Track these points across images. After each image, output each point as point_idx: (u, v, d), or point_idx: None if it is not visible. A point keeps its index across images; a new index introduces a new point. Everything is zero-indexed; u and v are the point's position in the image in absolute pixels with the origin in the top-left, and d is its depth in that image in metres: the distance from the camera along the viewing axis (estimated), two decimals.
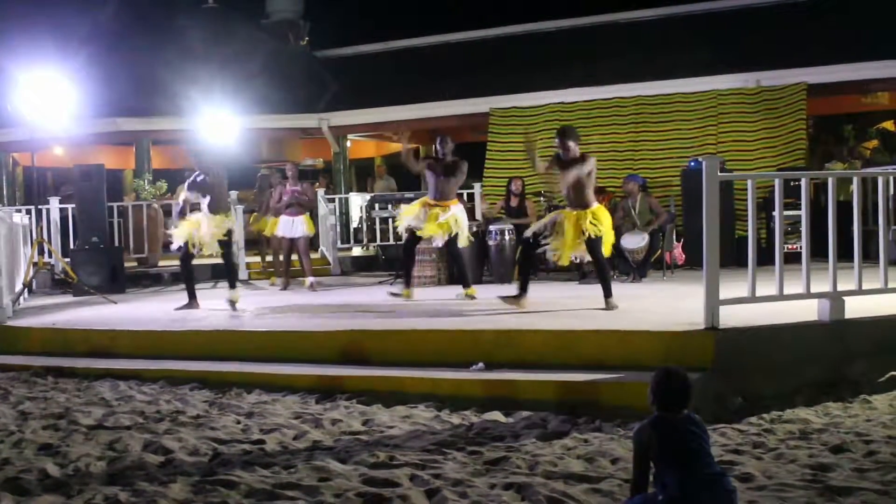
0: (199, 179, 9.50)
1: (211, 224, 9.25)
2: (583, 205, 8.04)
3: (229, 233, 9.36)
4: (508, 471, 4.48)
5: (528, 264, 8.68)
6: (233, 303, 9.32)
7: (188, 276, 9.68)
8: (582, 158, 8.09)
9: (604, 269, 8.13)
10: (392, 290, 9.92)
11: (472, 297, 9.16)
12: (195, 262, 9.85)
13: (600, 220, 8.02)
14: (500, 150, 15.43)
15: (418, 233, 9.39)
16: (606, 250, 8.24)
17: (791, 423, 5.27)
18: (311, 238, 12.15)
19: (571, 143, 8.06)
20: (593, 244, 8.00)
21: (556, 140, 8.23)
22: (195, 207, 9.90)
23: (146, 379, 7.19)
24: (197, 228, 9.31)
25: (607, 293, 7.95)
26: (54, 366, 7.76)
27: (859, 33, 13.98)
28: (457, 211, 9.35)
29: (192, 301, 9.50)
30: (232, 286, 9.44)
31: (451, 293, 9.83)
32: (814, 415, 5.47)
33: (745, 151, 13.58)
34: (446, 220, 9.20)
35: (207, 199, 9.40)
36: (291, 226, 11.62)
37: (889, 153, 15.65)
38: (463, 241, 9.43)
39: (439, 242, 9.47)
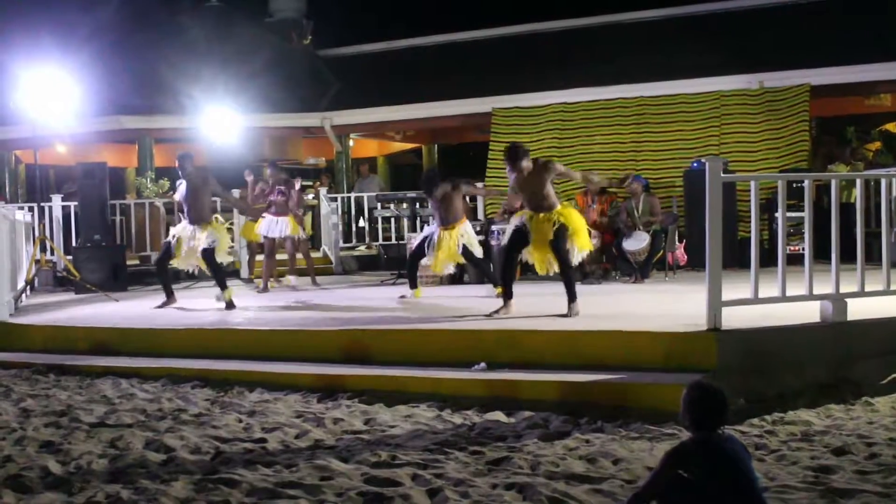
0: (178, 186, 9.64)
1: (192, 238, 9.32)
2: (549, 207, 7.73)
3: (212, 242, 9.30)
4: (510, 471, 4.48)
5: (511, 270, 8.24)
6: (228, 303, 9.29)
7: (161, 273, 9.87)
8: (544, 167, 7.82)
9: (567, 269, 7.66)
10: (403, 293, 9.97)
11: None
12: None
13: (570, 218, 7.70)
14: (503, 150, 15.38)
15: (431, 268, 9.75)
16: (583, 246, 7.79)
17: (793, 425, 5.27)
18: (301, 239, 12.00)
19: (523, 164, 7.79)
20: (557, 241, 7.60)
21: (507, 163, 7.93)
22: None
23: (148, 377, 7.20)
24: (180, 240, 9.41)
25: (571, 297, 7.49)
26: (56, 363, 7.78)
27: (863, 35, 13.97)
28: (464, 230, 9.52)
29: (170, 298, 9.66)
30: (222, 287, 9.39)
31: (453, 292, 9.88)
32: (816, 416, 5.47)
33: (747, 153, 13.56)
34: (452, 247, 9.38)
35: (186, 207, 9.46)
36: (275, 226, 11.44)
37: (892, 155, 15.64)
38: (478, 252, 9.61)
39: (451, 269, 9.81)
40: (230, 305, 9.26)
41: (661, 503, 3.47)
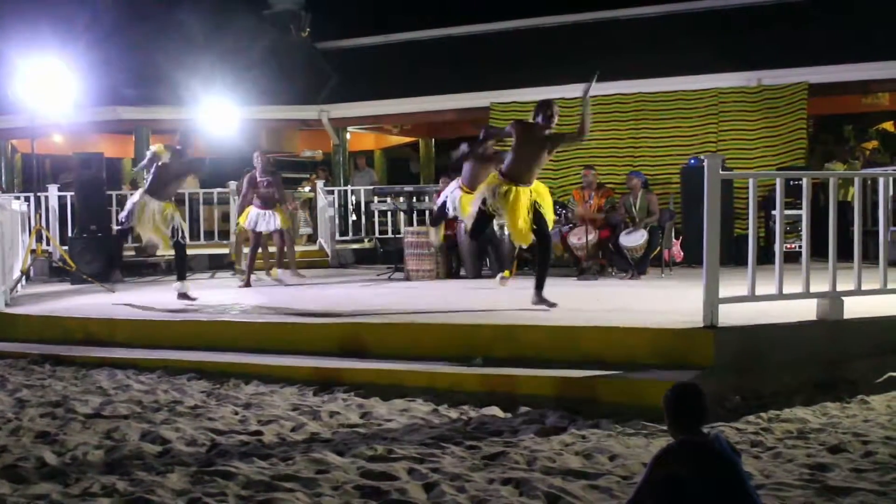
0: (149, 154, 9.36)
1: (158, 211, 9.09)
2: (531, 181, 7.68)
3: (173, 218, 9.17)
4: (507, 466, 4.48)
5: (484, 253, 8.23)
6: (184, 294, 9.18)
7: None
8: (557, 136, 7.82)
9: (548, 252, 7.75)
10: (497, 280, 9.40)
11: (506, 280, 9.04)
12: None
13: (543, 196, 7.70)
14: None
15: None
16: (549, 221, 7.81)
17: (789, 423, 5.28)
18: (287, 230, 11.74)
19: (544, 121, 7.75)
20: (542, 224, 7.60)
21: (544, 110, 7.84)
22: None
23: (144, 368, 7.19)
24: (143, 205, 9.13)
25: (540, 283, 7.53)
26: (52, 354, 7.76)
27: (861, 33, 13.97)
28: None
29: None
30: (180, 277, 9.31)
31: (451, 287, 9.86)
32: (812, 414, 5.47)
33: (745, 150, 13.56)
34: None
35: (150, 177, 9.20)
36: (263, 219, 11.17)
37: (888, 154, 15.67)
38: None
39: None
40: (183, 297, 9.14)
41: None
